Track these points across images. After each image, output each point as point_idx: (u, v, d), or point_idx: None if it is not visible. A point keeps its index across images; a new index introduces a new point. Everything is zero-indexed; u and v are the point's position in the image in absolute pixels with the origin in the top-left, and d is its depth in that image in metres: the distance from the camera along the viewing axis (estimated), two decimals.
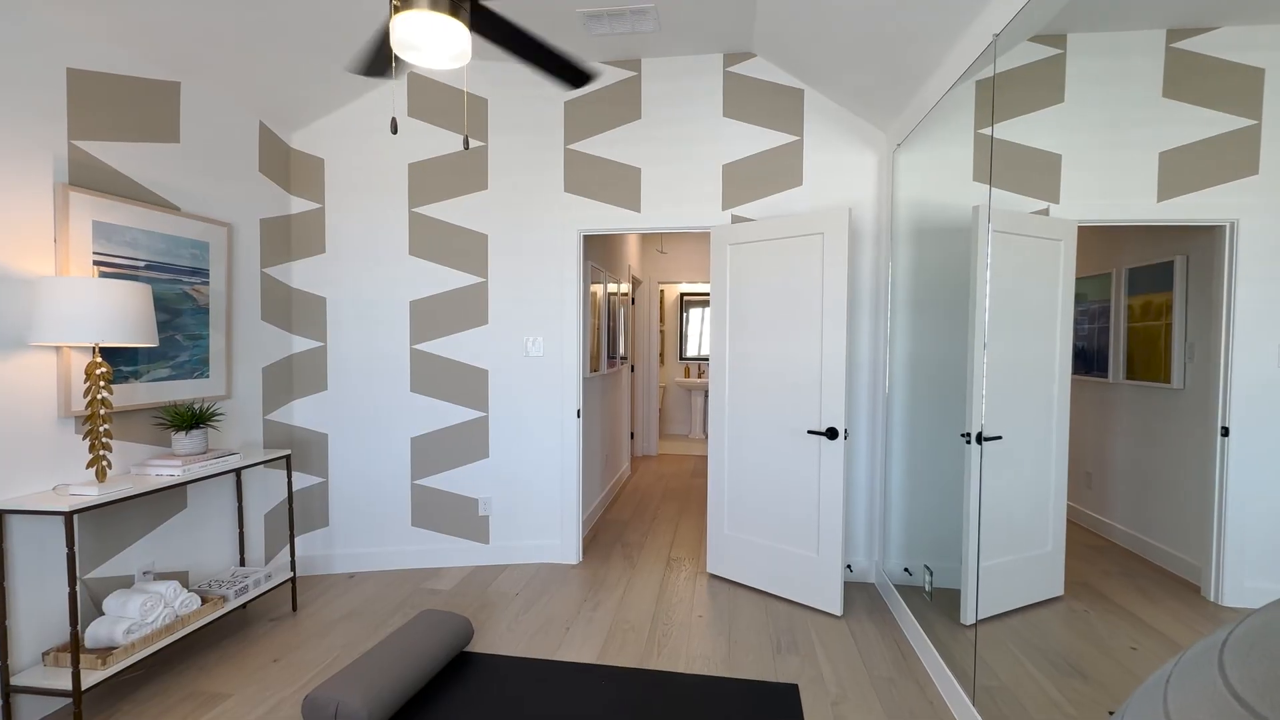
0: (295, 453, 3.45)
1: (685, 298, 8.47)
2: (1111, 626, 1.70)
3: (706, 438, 8.23)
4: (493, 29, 1.68)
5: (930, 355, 2.70)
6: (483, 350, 3.57)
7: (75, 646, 1.98)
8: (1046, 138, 1.86)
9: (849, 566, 3.37)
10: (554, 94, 3.51)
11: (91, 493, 2.08)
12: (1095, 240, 1.78)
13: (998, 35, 1.97)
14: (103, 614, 2.31)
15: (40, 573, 2.16)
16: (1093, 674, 1.74)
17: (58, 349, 2.21)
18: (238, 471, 3.02)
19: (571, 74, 1.97)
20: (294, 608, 3.04)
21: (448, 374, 3.56)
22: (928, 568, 2.68)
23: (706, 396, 8.38)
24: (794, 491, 3.09)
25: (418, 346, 3.54)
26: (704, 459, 6.92)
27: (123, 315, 2.13)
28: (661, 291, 8.35)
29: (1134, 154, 1.67)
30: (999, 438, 2.02)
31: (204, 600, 2.55)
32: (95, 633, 2.20)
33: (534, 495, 3.62)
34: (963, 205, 2.31)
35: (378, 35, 1.80)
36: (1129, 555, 1.69)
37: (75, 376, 2.25)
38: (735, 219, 3.43)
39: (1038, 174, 1.86)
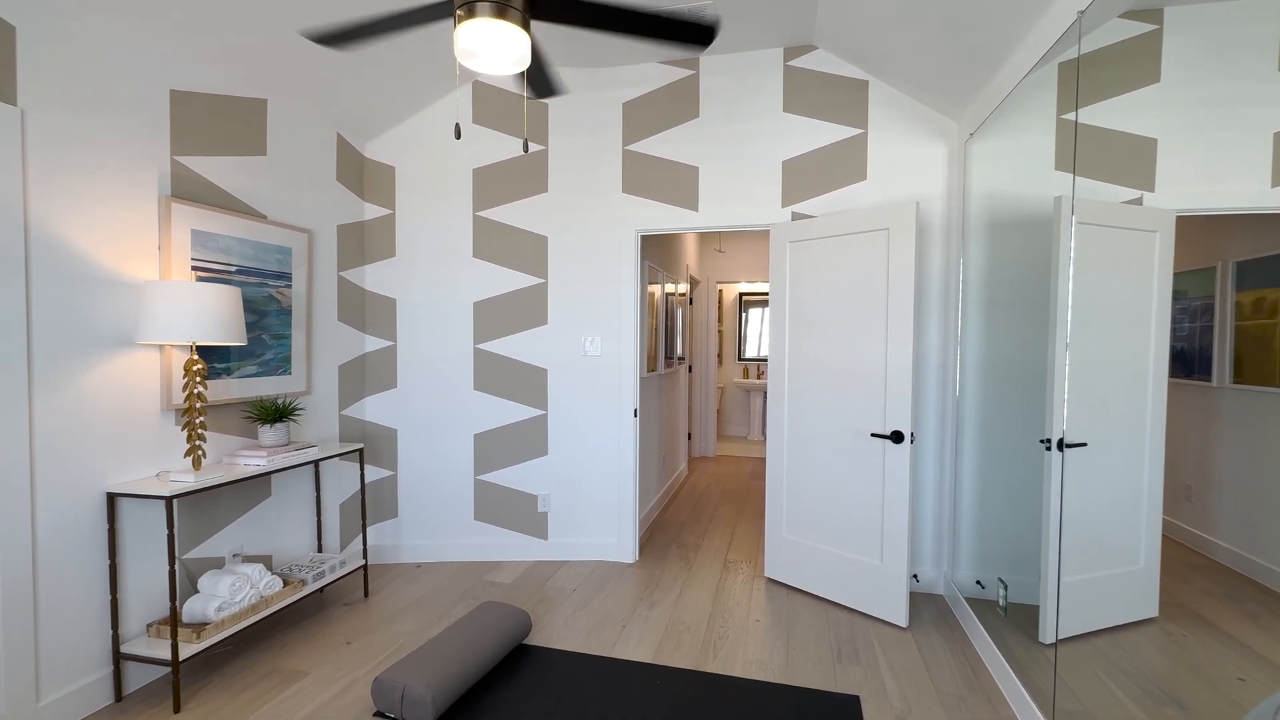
0: (367, 447, 3.64)
1: (744, 298, 8.36)
2: (1214, 653, 1.56)
3: (765, 440, 8.10)
4: (578, 14, 1.63)
5: (1006, 356, 2.55)
6: (542, 350, 3.64)
7: (174, 621, 2.16)
8: (1140, 121, 1.72)
9: (915, 576, 3.23)
10: (612, 98, 3.54)
11: (188, 479, 2.26)
12: (1196, 231, 1.63)
13: (1083, 13, 1.84)
14: (197, 592, 2.51)
15: (145, 552, 2.37)
16: (1191, 704, 1.59)
17: (160, 347, 2.41)
18: (316, 463, 3.21)
19: (692, 31, 1.75)
20: (365, 594, 3.20)
21: (509, 373, 3.65)
22: (1002, 581, 2.53)
23: (765, 398, 8.25)
24: (856, 496, 2.99)
25: (480, 346, 3.65)
26: (762, 461, 6.81)
27: (217, 316, 2.30)
28: (720, 291, 8.28)
29: (1242, 135, 1.52)
30: (1083, 444, 1.89)
31: (285, 583, 2.72)
32: (191, 609, 2.38)
33: (591, 493, 3.67)
34: (1043, 196, 2.17)
35: (376, 18, 1.73)
36: (1234, 575, 1.54)
37: (175, 373, 2.45)
38: (795, 216, 3.35)
39: (1129, 160, 1.72)
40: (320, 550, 3.24)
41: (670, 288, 5.09)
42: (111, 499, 2.23)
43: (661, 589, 3.28)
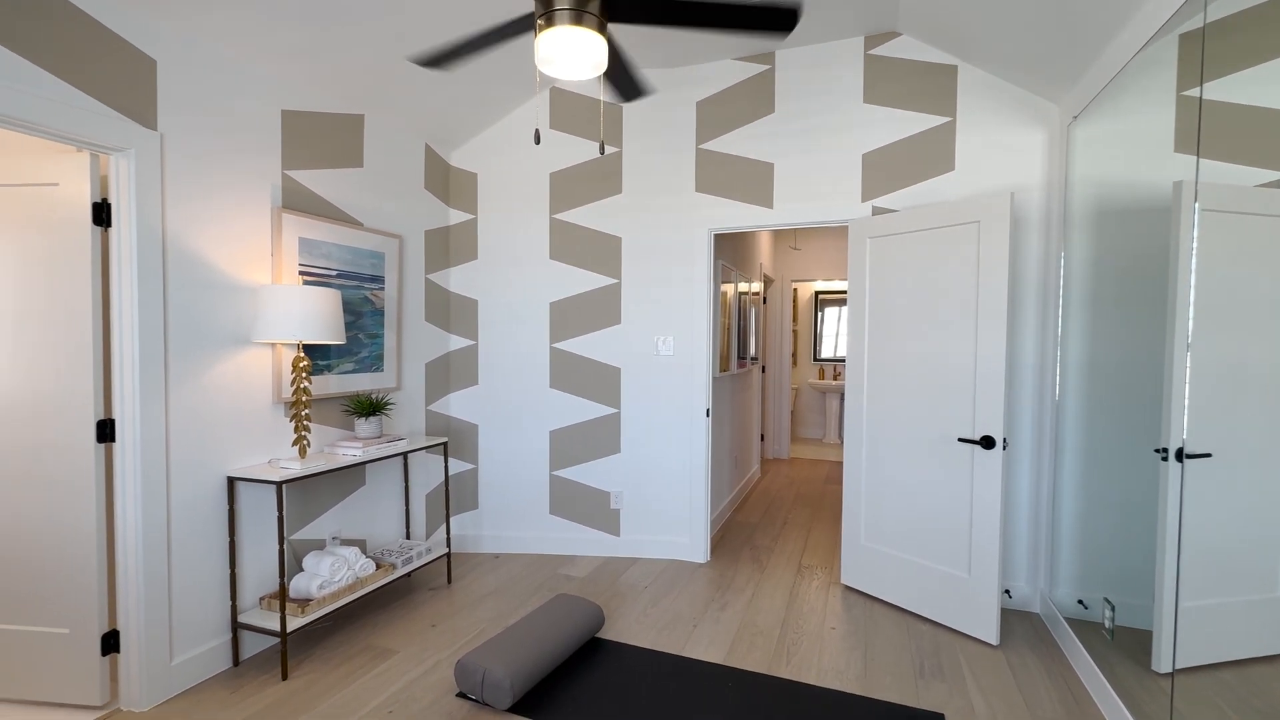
0: (451, 440, 3.82)
1: (820, 296, 8.13)
2: None
3: (842, 443, 7.84)
4: (655, 13, 1.63)
5: (1114, 357, 2.34)
6: (616, 349, 3.70)
7: (283, 595, 2.36)
8: (1278, 94, 1.53)
9: (1007, 592, 3.03)
10: (686, 97, 3.54)
11: (295, 467, 2.46)
12: None
13: None
14: (302, 570, 2.73)
15: (257, 531, 2.60)
16: None
17: (272, 345, 2.64)
18: (405, 455, 3.41)
19: (773, 17, 1.68)
20: (449, 580, 3.37)
21: (583, 371, 3.73)
22: (1108, 601, 2.32)
23: (842, 399, 7.98)
24: (941, 504, 2.84)
25: (556, 345, 3.75)
26: (839, 465, 6.59)
27: (321, 317, 2.50)
28: (795, 290, 8.09)
29: None
30: (1207, 455, 1.70)
31: (378, 566, 2.91)
32: (296, 585, 2.60)
33: (663, 492, 3.68)
34: (1159, 182, 1.98)
35: (471, 37, 1.79)
36: None
37: (284, 369, 2.67)
38: (876, 211, 3.23)
39: (1266, 138, 1.54)
40: (408, 537, 3.44)
41: (744, 287, 5.03)
42: (231, 482, 2.46)
43: (733, 591, 3.25)
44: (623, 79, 1.94)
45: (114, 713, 2.18)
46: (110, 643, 2.20)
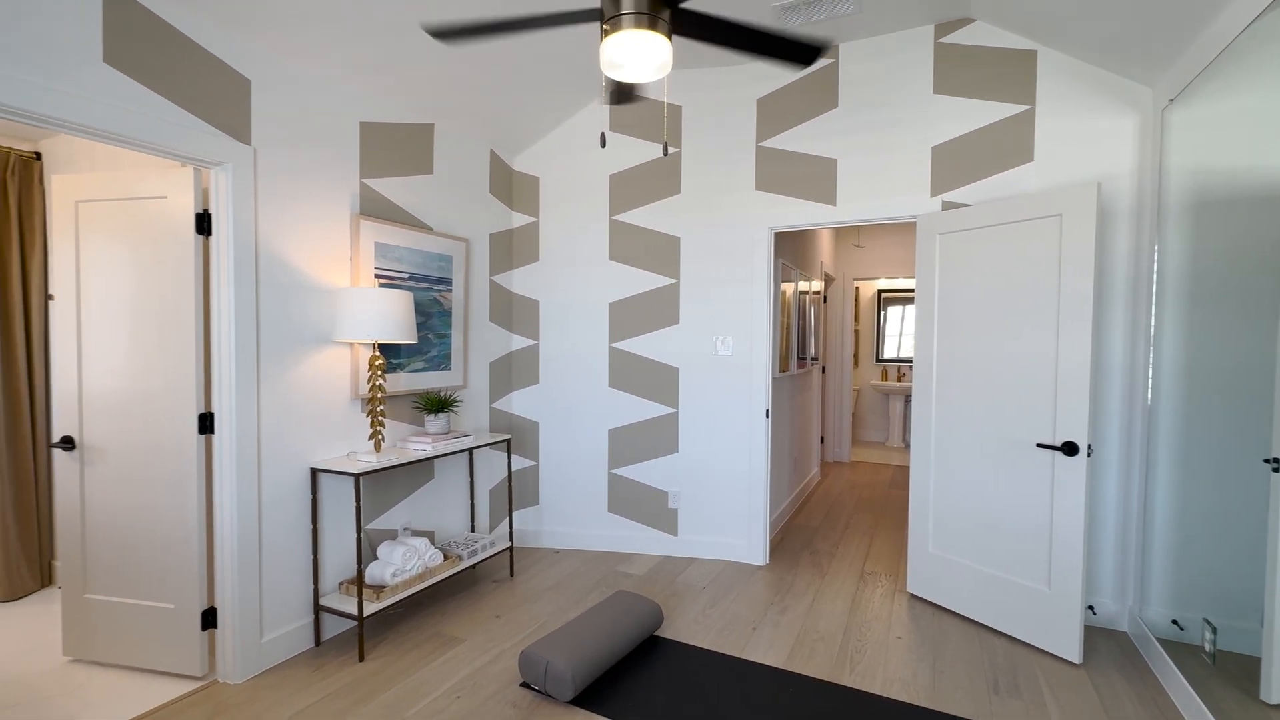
0: (513, 437, 3.93)
1: (883, 295, 7.87)
2: None
3: (906, 446, 7.56)
4: (704, 31, 1.71)
5: (1216, 358, 2.16)
6: (674, 349, 3.71)
7: (360, 581, 2.49)
8: None
9: (1091, 608, 2.85)
10: (746, 95, 3.51)
11: (371, 460, 2.60)
12: None
13: None
14: (376, 558, 2.87)
15: (336, 520, 2.76)
16: None
17: (350, 345, 2.79)
18: (470, 451, 3.53)
19: (800, 51, 1.82)
20: (511, 573, 3.46)
21: (641, 371, 3.76)
22: (1209, 623, 2.15)
23: (907, 401, 7.70)
24: (1018, 513, 2.70)
25: (615, 345, 3.79)
26: (903, 469, 6.37)
27: (395, 318, 2.62)
28: (857, 288, 7.87)
29: None
30: None
31: (445, 557, 3.03)
32: (371, 572, 2.74)
33: (721, 492, 3.66)
34: (1273, 168, 1.82)
35: (493, 21, 1.80)
36: None
37: (361, 367, 2.82)
38: (946, 206, 3.10)
39: None
40: (473, 530, 3.56)
41: (804, 285, 4.93)
42: (314, 473, 2.62)
43: (793, 594, 3.20)
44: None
45: (212, 683, 2.36)
46: (209, 619, 2.38)
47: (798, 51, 1.81)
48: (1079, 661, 2.50)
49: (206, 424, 2.35)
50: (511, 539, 3.43)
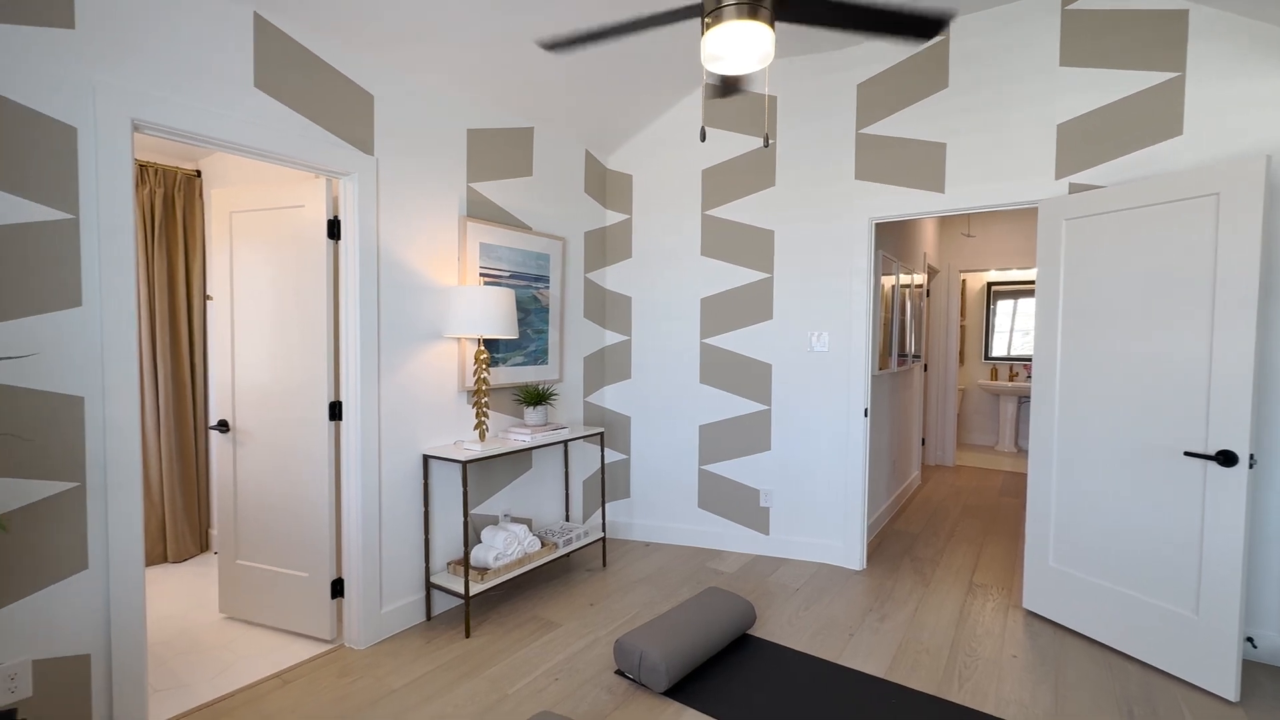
0: (606, 431, 4.02)
1: (994, 287, 7.31)
2: None
3: (1019, 451, 7.00)
4: (811, 14, 1.65)
5: None
6: (767, 345, 3.64)
7: (466, 562, 2.65)
8: None
9: (1250, 640, 2.51)
10: (845, 80, 3.37)
11: (477, 449, 2.75)
12: None
13: None
14: (480, 542, 3.03)
15: (445, 504, 2.94)
16: None
17: (457, 340, 2.97)
18: (565, 443, 3.65)
19: (920, 25, 1.73)
20: (604, 564, 3.55)
21: (733, 367, 3.72)
22: None
23: (1020, 402, 7.12)
24: (1159, 528, 2.43)
25: (706, 340, 3.78)
26: (1016, 476, 5.90)
27: (499, 314, 2.75)
28: (964, 281, 7.36)
29: None
30: None
31: (543, 544, 3.15)
32: (475, 555, 2.90)
33: (815, 493, 3.56)
34: None
35: (603, 28, 1.82)
36: None
37: (467, 361, 2.99)
38: (1074, 188, 2.83)
39: None
40: (567, 519, 3.68)
41: (905, 278, 4.68)
42: (426, 460, 2.81)
43: (893, 602, 3.06)
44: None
45: (339, 647, 2.59)
46: (337, 588, 2.62)
47: (917, 25, 1.72)
48: (1235, 699, 2.22)
49: (336, 412, 2.58)
50: (604, 530, 3.52)
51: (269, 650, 2.56)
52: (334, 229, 2.55)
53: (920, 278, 5.26)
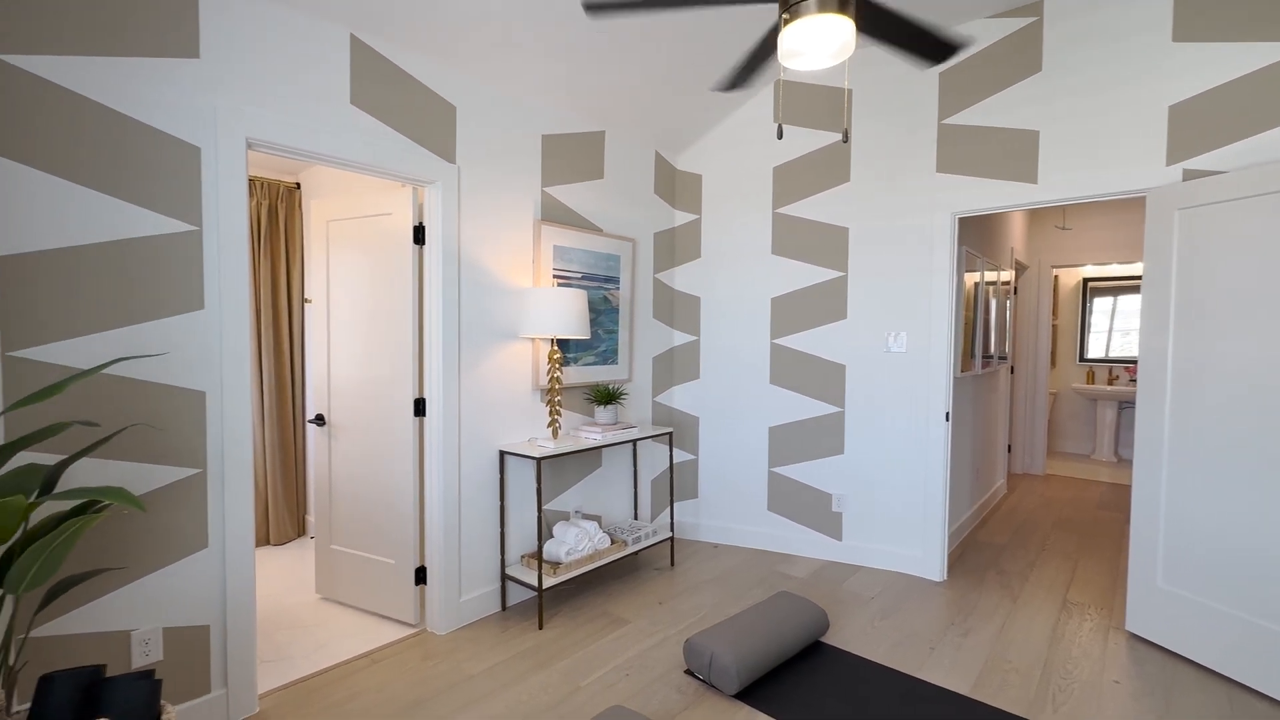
0: (674, 431, 4.03)
1: (1090, 284, 6.79)
2: None
3: (1119, 460, 6.47)
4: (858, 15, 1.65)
5: None
6: (840, 345, 3.54)
7: (539, 556, 2.73)
8: None
9: None
10: (928, 70, 3.22)
11: (550, 446, 2.82)
12: None
13: None
14: (552, 537, 3.11)
15: (519, 499, 3.04)
16: None
17: (531, 340, 3.06)
18: (634, 442, 3.68)
19: (934, 47, 1.80)
20: (671, 563, 3.56)
21: (804, 368, 3.64)
22: None
23: (1120, 408, 6.59)
24: None
25: (777, 341, 3.72)
26: (1116, 487, 5.45)
27: (572, 315, 2.82)
28: (1056, 277, 6.87)
29: None
30: None
31: (612, 541, 3.20)
32: (548, 549, 2.98)
33: (891, 499, 3.43)
34: None
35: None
36: None
37: (540, 360, 3.08)
38: (1188, 175, 2.59)
39: None
40: (635, 518, 3.72)
41: (990, 275, 4.42)
42: (502, 455, 2.91)
43: (977, 616, 2.90)
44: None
45: (422, 632, 2.73)
46: (420, 576, 2.76)
47: (937, 48, 1.81)
48: None
49: (420, 408, 2.72)
50: (673, 529, 3.52)
51: (359, 631, 2.73)
52: (419, 235, 2.69)
53: (1007, 274, 4.96)
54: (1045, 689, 2.31)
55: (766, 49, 1.79)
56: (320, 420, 2.98)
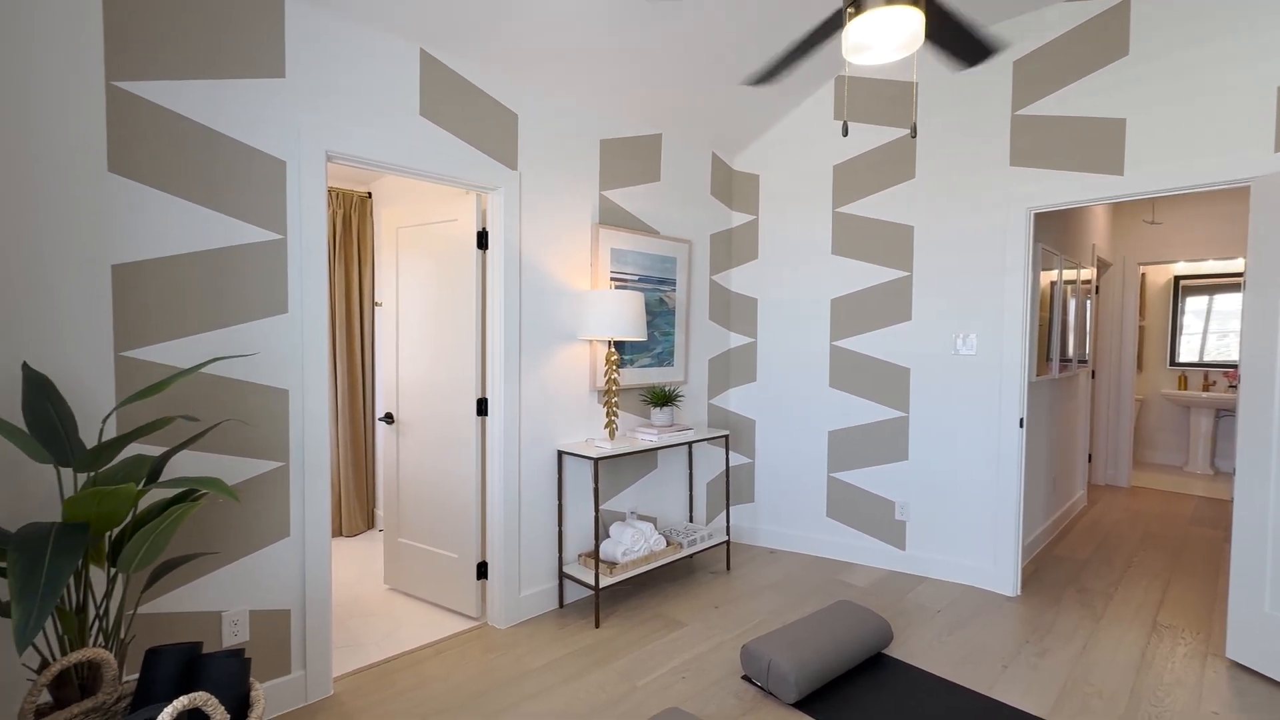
0: (731, 434, 3.98)
1: (1182, 282, 6.30)
2: None
3: (1216, 473, 5.97)
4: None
5: None
6: (904, 347, 3.42)
7: (596, 555, 2.76)
8: None
9: None
10: (998, 60, 3.08)
11: (607, 446, 2.85)
12: None
13: None
14: (608, 537, 3.14)
15: (576, 498, 3.08)
16: None
17: (589, 342, 3.10)
18: (690, 444, 3.67)
19: (970, 47, 1.78)
20: (727, 567, 3.53)
21: (866, 371, 3.54)
22: None
23: (1218, 416, 6.08)
24: None
25: (837, 343, 3.63)
26: (1213, 502, 5.03)
27: (629, 317, 2.84)
28: (1143, 275, 6.42)
29: None
30: None
31: (668, 543, 3.20)
32: (604, 549, 3.01)
33: (960, 508, 3.28)
34: None
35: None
36: None
37: (598, 362, 3.12)
38: None
39: None
40: (691, 521, 3.70)
41: (1069, 273, 4.17)
42: (560, 455, 2.97)
43: (1055, 635, 2.74)
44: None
45: (483, 625, 2.81)
46: (482, 570, 2.85)
47: (974, 49, 1.80)
48: None
49: (482, 407, 2.81)
50: (728, 533, 3.49)
51: (425, 621, 2.84)
52: (482, 240, 2.78)
53: (1087, 272, 4.67)
54: (1134, 714, 2.16)
55: (811, 43, 1.76)
56: (389, 418, 3.12)
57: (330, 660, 2.25)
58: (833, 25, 1.66)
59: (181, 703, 1.14)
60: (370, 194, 4.09)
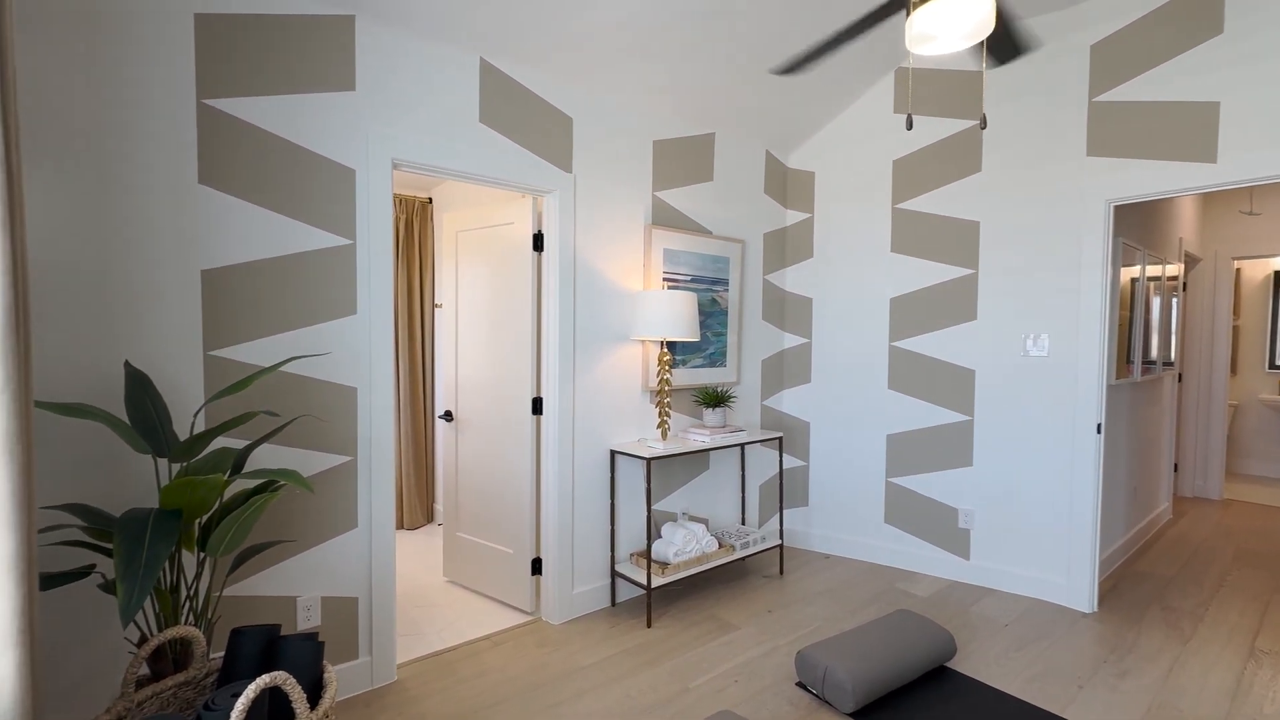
0: (784, 436, 3.92)
1: None
2: None
3: None
4: None
5: None
6: (968, 348, 3.28)
7: (648, 555, 2.77)
8: None
9: None
10: (1073, 44, 2.92)
11: (659, 447, 2.86)
12: None
13: None
14: (660, 537, 3.15)
15: (628, 498, 3.10)
16: None
17: (641, 342, 3.11)
18: (742, 446, 3.63)
19: (1002, 44, 1.77)
20: (780, 571, 3.47)
21: (928, 373, 3.41)
22: None
23: None
24: None
25: (896, 344, 3.51)
26: None
27: (682, 318, 2.84)
28: (1237, 271, 5.93)
29: None
30: None
31: (720, 545, 3.17)
32: (656, 549, 3.01)
33: (1029, 518, 3.12)
34: None
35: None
36: None
37: (650, 362, 3.12)
38: None
39: None
40: (743, 523, 3.66)
41: (1153, 269, 3.90)
42: (613, 455, 2.99)
43: (1136, 656, 2.56)
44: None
45: (537, 620, 2.87)
46: (536, 566, 2.90)
47: (1009, 44, 1.81)
48: None
49: (537, 406, 2.86)
50: (781, 536, 3.43)
51: (481, 614, 2.92)
52: (538, 242, 2.83)
53: (1174, 268, 4.35)
54: None
55: (843, 37, 1.73)
56: (448, 416, 3.22)
57: (394, 647, 2.35)
58: (872, 19, 1.62)
59: (264, 681, 1.21)
60: (431, 199, 4.24)
